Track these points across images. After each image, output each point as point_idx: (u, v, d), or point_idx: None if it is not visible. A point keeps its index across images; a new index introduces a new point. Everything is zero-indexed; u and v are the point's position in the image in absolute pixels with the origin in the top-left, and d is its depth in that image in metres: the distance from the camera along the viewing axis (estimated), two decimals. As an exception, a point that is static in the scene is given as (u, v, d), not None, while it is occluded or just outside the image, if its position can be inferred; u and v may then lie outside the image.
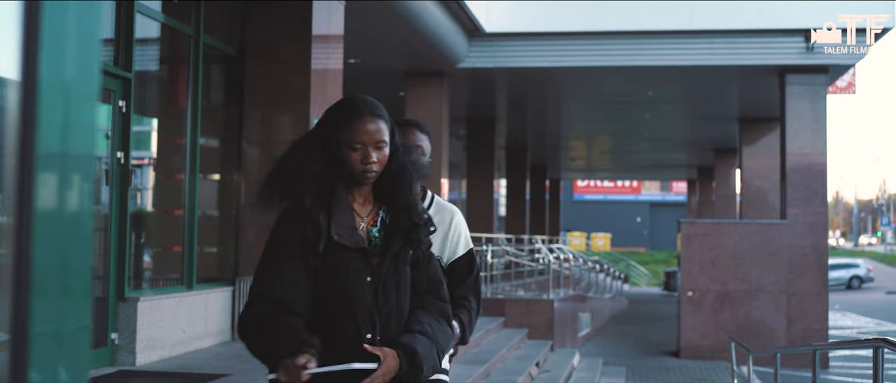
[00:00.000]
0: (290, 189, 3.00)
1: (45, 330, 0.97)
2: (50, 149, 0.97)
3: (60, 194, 1.00)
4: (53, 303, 1.00)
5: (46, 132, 0.95)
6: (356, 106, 3.09)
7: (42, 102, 0.95)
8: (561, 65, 17.44)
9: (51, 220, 0.99)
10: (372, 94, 12.57)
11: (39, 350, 0.96)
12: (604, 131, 29.65)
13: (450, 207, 3.75)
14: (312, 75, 11.40)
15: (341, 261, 2.94)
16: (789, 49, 16.77)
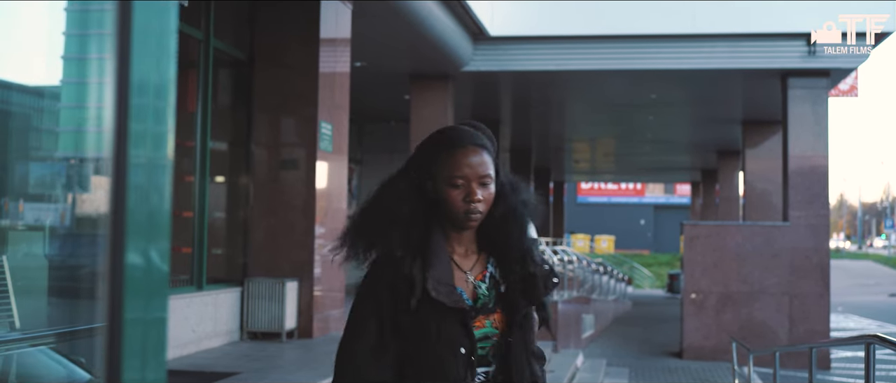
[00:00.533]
0: (377, 236, 2.52)
1: (134, 318, 1.12)
2: (139, 153, 1.11)
3: (147, 196, 1.14)
4: (142, 295, 1.15)
5: (136, 137, 1.09)
6: (456, 134, 2.59)
7: (133, 107, 1.09)
8: (565, 68, 17.55)
9: (140, 220, 1.13)
10: (377, 96, 12.87)
11: (130, 336, 1.12)
12: (607, 134, 29.77)
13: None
14: (320, 78, 11.57)
15: (433, 325, 2.44)
16: (791, 52, 16.89)
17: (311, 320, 11.19)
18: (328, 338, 11.24)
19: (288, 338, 10.89)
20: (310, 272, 11.25)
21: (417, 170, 2.57)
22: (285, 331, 10.80)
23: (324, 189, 11.62)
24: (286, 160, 11.65)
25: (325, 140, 11.63)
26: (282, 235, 11.41)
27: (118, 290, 1.06)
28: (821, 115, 17.53)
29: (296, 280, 11.06)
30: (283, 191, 11.60)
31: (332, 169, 11.89)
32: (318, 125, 11.46)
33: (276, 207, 11.57)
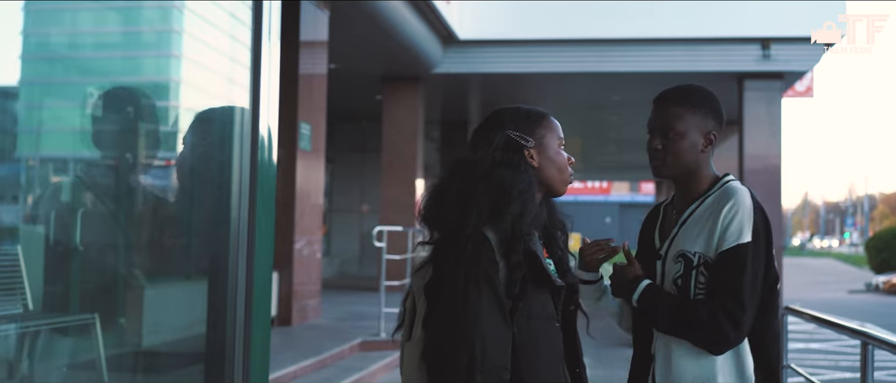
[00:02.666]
0: (508, 214, 2.42)
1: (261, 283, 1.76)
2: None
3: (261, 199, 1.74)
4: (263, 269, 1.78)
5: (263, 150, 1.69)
6: (539, 108, 2.66)
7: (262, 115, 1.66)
8: (531, 70, 18.19)
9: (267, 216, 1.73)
10: (349, 97, 13.61)
11: (258, 296, 1.75)
12: (573, 134, 30.28)
13: (733, 190, 2.85)
14: (299, 80, 12.18)
15: (538, 303, 2.44)
16: (746, 56, 17.62)
17: (290, 309, 11.86)
18: (306, 326, 11.94)
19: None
20: (289, 264, 11.90)
21: (516, 142, 2.53)
22: (267, 320, 11.46)
23: (303, 186, 12.27)
24: (267, 159, 12.26)
25: (305, 140, 12.27)
26: (263, 229, 12.04)
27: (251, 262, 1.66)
28: (775, 116, 18.27)
29: (276, 271, 11.71)
30: (264, 187, 12.23)
31: (310, 168, 12.53)
32: (297, 126, 12.09)
33: (258, 203, 12.19)
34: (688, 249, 2.81)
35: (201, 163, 3.15)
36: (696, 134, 2.88)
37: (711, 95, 2.97)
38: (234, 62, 2.74)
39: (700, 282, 2.76)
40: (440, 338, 2.34)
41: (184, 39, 5.15)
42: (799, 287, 45.06)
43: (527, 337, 2.37)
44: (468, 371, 2.27)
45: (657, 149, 2.89)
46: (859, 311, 29.37)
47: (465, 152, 2.58)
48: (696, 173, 2.91)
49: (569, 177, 2.62)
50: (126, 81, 5.48)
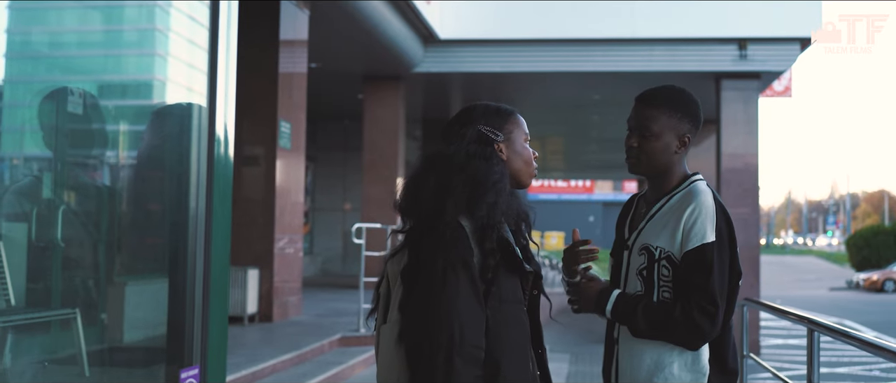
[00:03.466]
0: (484, 204, 2.55)
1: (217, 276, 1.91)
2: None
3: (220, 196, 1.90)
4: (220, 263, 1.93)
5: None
6: (504, 106, 2.81)
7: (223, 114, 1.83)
8: (511, 70, 18.33)
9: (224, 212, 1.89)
10: (331, 96, 13.75)
11: (215, 287, 1.91)
12: (556, 133, 30.39)
13: (696, 191, 3.00)
14: (279, 79, 12.30)
15: (511, 289, 2.57)
16: (723, 56, 17.80)
17: (271, 305, 12.01)
18: (287, 322, 12.09)
19: (250, 322, 11.71)
20: (270, 261, 12.04)
21: (487, 137, 2.67)
22: (247, 315, 11.62)
23: (282, 184, 12.41)
24: (247, 156, 12.40)
25: (284, 138, 12.40)
26: (243, 227, 12.18)
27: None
28: (752, 115, 18.46)
29: (257, 268, 11.84)
30: (245, 186, 12.38)
31: (290, 165, 12.66)
32: (277, 124, 12.23)
33: (238, 201, 12.30)
34: (650, 243, 2.97)
35: (156, 159, 3.27)
36: (670, 136, 3.03)
37: (691, 99, 3.11)
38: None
39: (663, 275, 2.93)
40: (419, 321, 2.44)
41: (169, 38, 5.25)
42: (781, 285, 45.39)
43: (498, 320, 2.48)
44: (447, 351, 2.37)
45: (633, 146, 3.05)
46: (839, 308, 29.70)
47: (439, 146, 2.69)
48: (668, 172, 3.06)
49: (534, 171, 2.77)
50: (110, 80, 5.57)
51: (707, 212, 2.91)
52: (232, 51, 2.60)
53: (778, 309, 5.14)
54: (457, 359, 2.37)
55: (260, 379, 8.43)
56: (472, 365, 2.40)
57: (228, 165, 2.65)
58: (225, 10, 2.50)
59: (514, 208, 2.63)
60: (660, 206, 3.04)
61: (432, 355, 2.38)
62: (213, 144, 2.54)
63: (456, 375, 2.37)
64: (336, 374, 9.29)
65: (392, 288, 2.63)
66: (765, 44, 17.70)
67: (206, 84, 2.47)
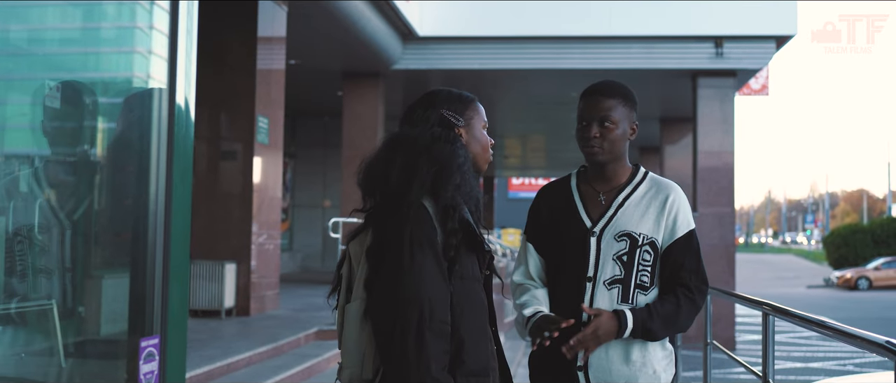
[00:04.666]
0: (449, 185, 2.62)
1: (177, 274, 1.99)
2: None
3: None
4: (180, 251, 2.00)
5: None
6: (465, 93, 2.91)
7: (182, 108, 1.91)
8: (491, 67, 18.43)
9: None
10: (310, 93, 13.81)
11: (174, 274, 1.99)
12: (536, 130, 30.44)
13: (667, 183, 3.29)
14: (257, 75, 12.37)
15: (472, 267, 2.66)
16: (700, 54, 17.96)
17: (248, 299, 12.08)
18: (264, 316, 12.17)
19: (227, 316, 11.79)
20: (247, 256, 12.12)
21: (448, 121, 2.78)
22: (224, 309, 11.69)
23: (260, 179, 12.48)
24: (225, 152, 12.47)
25: (262, 133, 12.48)
26: (221, 222, 12.26)
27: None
28: (728, 113, 18.62)
29: (234, 262, 11.92)
30: (223, 180, 12.46)
31: (267, 161, 12.74)
32: (255, 119, 12.30)
33: (216, 196, 12.42)
34: (632, 230, 3.15)
35: (126, 147, 3.34)
36: (625, 123, 3.23)
37: (631, 90, 3.32)
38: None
39: (644, 260, 3.14)
40: (389, 297, 2.50)
41: (151, 36, 5.31)
42: (759, 282, 45.71)
43: (460, 296, 2.57)
44: (418, 327, 2.44)
45: (595, 137, 3.19)
46: (816, 305, 29.92)
47: (402, 128, 2.77)
48: (621, 160, 3.27)
49: (490, 157, 2.89)
50: (91, 78, 5.63)
51: (685, 202, 3.21)
52: (193, 28, 2.68)
53: (735, 295, 5.40)
54: (427, 334, 2.44)
55: (236, 371, 8.51)
56: (441, 340, 2.47)
57: (188, 143, 2.74)
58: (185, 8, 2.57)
59: (474, 191, 2.70)
60: (627, 195, 3.23)
61: (404, 331, 2.44)
62: (173, 123, 2.62)
63: (426, 350, 2.43)
64: (311, 367, 9.37)
65: (355, 268, 2.70)
66: (741, 42, 17.88)
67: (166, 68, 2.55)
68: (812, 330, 3.69)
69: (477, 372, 2.58)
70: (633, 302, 3.12)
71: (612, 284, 3.13)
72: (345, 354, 2.65)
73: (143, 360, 2.52)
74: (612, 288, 3.13)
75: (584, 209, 3.26)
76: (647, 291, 3.13)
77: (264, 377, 8.41)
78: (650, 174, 3.30)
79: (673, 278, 3.14)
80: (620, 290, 3.13)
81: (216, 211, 12.33)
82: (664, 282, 3.15)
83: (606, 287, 3.14)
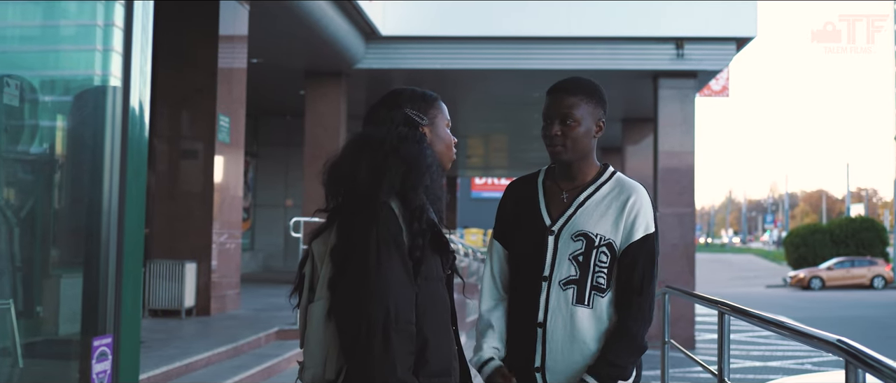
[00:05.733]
0: (418, 185, 2.64)
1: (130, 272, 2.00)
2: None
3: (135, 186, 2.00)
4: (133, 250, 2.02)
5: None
6: (428, 91, 2.89)
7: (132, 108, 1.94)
8: (453, 66, 18.41)
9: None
10: (273, 92, 13.75)
11: (128, 273, 1.99)
12: (498, 130, 30.48)
13: (631, 184, 3.22)
14: (219, 74, 12.31)
15: (436, 268, 2.67)
16: (661, 55, 18.07)
17: (208, 299, 12.02)
18: (224, 316, 12.11)
19: (187, 316, 11.72)
20: (208, 255, 12.06)
21: (413, 120, 2.75)
22: (185, 309, 11.62)
23: (221, 178, 12.42)
24: (186, 151, 12.41)
25: (223, 132, 12.42)
26: (181, 221, 12.19)
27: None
28: (688, 114, 18.74)
29: (194, 262, 11.85)
30: (183, 179, 12.39)
31: (229, 160, 12.68)
32: (216, 118, 12.24)
33: (176, 195, 12.35)
34: (589, 230, 3.11)
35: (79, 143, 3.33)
36: (590, 121, 3.18)
37: (600, 87, 3.28)
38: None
39: (600, 261, 3.09)
40: (355, 298, 2.48)
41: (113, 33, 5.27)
42: (719, 282, 46.08)
43: (425, 297, 2.57)
44: (384, 328, 2.43)
45: (557, 134, 3.15)
46: (774, 305, 30.20)
47: (367, 128, 2.74)
48: (587, 158, 3.21)
49: (453, 155, 2.87)
50: (56, 76, 5.59)
51: (647, 204, 3.13)
52: (148, 24, 2.67)
53: (692, 295, 5.45)
54: (393, 335, 2.44)
55: (194, 371, 8.47)
56: (407, 341, 2.47)
57: (143, 141, 2.73)
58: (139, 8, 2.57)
59: (439, 191, 2.72)
60: (589, 194, 3.18)
61: (369, 331, 2.43)
62: (128, 120, 2.61)
63: (392, 350, 2.43)
64: (271, 367, 9.34)
65: (318, 267, 2.68)
66: (701, 43, 18.00)
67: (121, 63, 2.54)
68: (768, 329, 3.72)
69: (440, 373, 2.60)
70: (590, 304, 3.09)
71: (567, 284, 3.11)
72: (307, 354, 2.63)
73: (96, 359, 2.50)
74: (567, 288, 3.10)
75: (546, 207, 3.24)
76: (604, 293, 3.10)
77: (223, 377, 8.37)
78: (618, 174, 3.23)
79: (625, 285, 3.09)
80: (575, 291, 3.10)
81: (176, 210, 12.27)
82: (618, 286, 3.11)
83: (561, 287, 3.11)
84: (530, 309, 3.14)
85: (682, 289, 6.03)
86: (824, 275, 43.13)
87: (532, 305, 3.14)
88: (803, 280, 43.11)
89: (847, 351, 2.61)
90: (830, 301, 33.94)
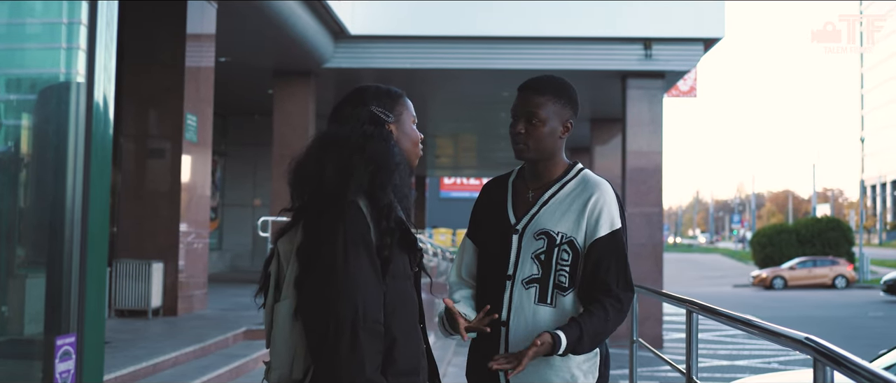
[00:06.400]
0: (386, 183, 2.61)
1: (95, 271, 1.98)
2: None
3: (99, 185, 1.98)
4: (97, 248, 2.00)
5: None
6: (394, 88, 2.86)
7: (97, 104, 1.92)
8: (422, 66, 18.40)
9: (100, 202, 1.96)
10: (241, 91, 13.70)
11: (92, 271, 1.97)
12: (467, 130, 30.51)
13: (596, 181, 3.20)
14: (186, 72, 12.24)
15: (403, 265, 2.65)
16: (629, 55, 18.15)
17: (176, 299, 11.94)
18: (192, 316, 12.03)
19: (154, 316, 11.64)
20: (175, 255, 11.98)
21: (379, 118, 2.71)
22: (151, 309, 11.54)
23: (188, 177, 12.35)
24: (153, 150, 12.32)
25: (191, 131, 12.35)
26: (148, 220, 12.11)
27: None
28: (656, 114, 18.82)
29: (161, 262, 11.77)
30: (150, 179, 12.30)
31: (196, 159, 12.60)
32: (183, 117, 12.17)
33: (143, 194, 12.26)
34: (551, 228, 3.11)
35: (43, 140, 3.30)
36: (556, 121, 3.17)
37: (570, 87, 3.25)
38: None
39: (562, 259, 3.08)
40: (322, 297, 2.46)
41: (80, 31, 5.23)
42: (686, 281, 46.34)
43: (393, 295, 2.55)
44: (353, 327, 2.41)
45: (520, 133, 3.16)
46: (741, 304, 30.39)
47: (334, 126, 2.70)
48: (553, 158, 3.21)
49: (419, 151, 2.83)
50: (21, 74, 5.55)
51: (612, 200, 3.11)
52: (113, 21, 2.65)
53: (661, 293, 5.46)
54: (361, 334, 2.42)
55: (161, 372, 8.41)
56: (375, 340, 2.45)
57: (107, 138, 2.70)
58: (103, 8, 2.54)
59: (407, 189, 2.69)
60: (553, 193, 3.18)
61: (337, 331, 2.41)
62: (92, 117, 2.58)
63: (360, 350, 2.41)
64: (239, 367, 9.29)
65: (284, 266, 2.64)
66: (669, 44, 18.09)
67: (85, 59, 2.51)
68: (736, 327, 3.73)
69: (408, 372, 2.58)
70: (553, 303, 3.09)
71: (529, 283, 3.11)
72: (273, 354, 2.60)
73: (59, 359, 2.47)
74: (530, 287, 3.11)
75: (513, 206, 3.25)
76: (567, 292, 3.09)
77: (190, 377, 8.32)
78: (584, 172, 3.22)
79: (595, 281, 3.07)
80: (537, 290, 3.10)
81: (143, 209, 12.18)
82: (587, 283, 3.09)
83: (524, 286, 3.12)
84: (494, 308, 3.13)
85: (652, 289, 6.03)
86: (787, 274, 43.49)
87: (496, 304, 3.14)
88: (766, 279, 43.46)
89: (815, 349, 2.63)
90: (796, 300, 34.21)
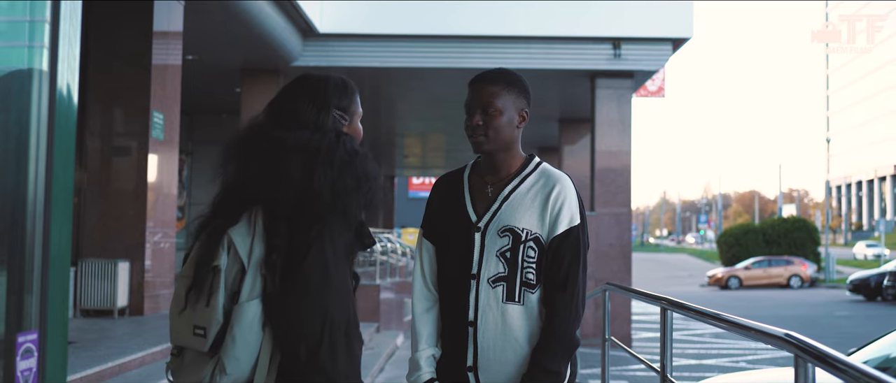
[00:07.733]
0: (365, 187, 2.59)
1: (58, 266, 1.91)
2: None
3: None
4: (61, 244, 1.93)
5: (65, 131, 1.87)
6: (348, 80, 2.82)
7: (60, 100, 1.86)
8: (391, 65, 18.37)
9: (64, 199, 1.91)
10: (209, 89, 13.58)
11: (54, 267, 1.91)
12: (436, 129, 30.51)
13: (557, 174, 3.16)
14: (152, 71, 12.12)
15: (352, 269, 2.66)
16: (598, 55, 18.19)
17: (142, 298, 11.82)
18: (158, 315, 11.91)
19: (120, 315, 11.51)
20: (141, 254, 11.85)
21: (340, 123, 2.71)
22: (117, 309, 11.42)
23: (155, 176, 12.23)
24: (119, 148, 12.19)
25: (157, 129, 12.22)
26: (114, 219, 11.98)
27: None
28: (625, 114, 18.89)
29: (127, 261, 11.65)
30: (116, 177, 12.16)
31: (163, 157, 12.48)
32: (150, 115, 12.04)
33: (109, 193, 12.13)
34: (515, 225, 3.04)
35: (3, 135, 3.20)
36: (512, 110, 3.10)
37: (522, 77, 3.19)
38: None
39: (528, 256, 3.02)
40: (318, 305, 2.41)
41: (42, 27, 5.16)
42: (654, 281, 46.60)
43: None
44: (346, 336, 2.42)
45: (478, 125, 3.08)
46: (709, 303, 30.36)
47: (299, 132, 2.58)
48: (511, 149, 3.14)
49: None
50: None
51: (572, 195, 3.07)
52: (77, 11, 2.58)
53: (634, 291, 5.43)
54: (355, 342, 2.46)
55: (128, 371, 8.31)
56: (360, 346, 2.49)
57: (71, 130, 2.63)
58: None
59: (378, 201, 2.66)
60: (514, 187, 3.12)
61: (333, 341, 2.39)
62: (55, 108, 2.51)
63: (354, 358, 2.44)
64: (207, 367, 9.18)
65: (245, 262, 2.50)
66: (638, 43, 18.16)
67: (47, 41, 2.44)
68: (714, 324, 3.68)
69: None
70: (521, 301, 3.03)
71: (495, 282, 3.04)
72: (228, 358, 2.44)
73: (21, 356, 2.39)
74: (496, 286, 3.04)
75: (472, 202, 3.17)
76: (534, 289, 3.03)
77: (157, 377, 8.22)
78: (543, 165, 3.16)
79: (551, 280, 3.02)
80: (505, 289, 3.04)
81: (109, 208, 12.05)
82: (546, 282, 3.03)
83: (490, 285, 3.05)
84: (460, 308, 3.08)
85: (624, 286, 6.01)
86: (742, 274, 43.83)
87: (462, 304, 3.08)
88: (721, 279, 43.82)
89: (796, 345, 2.60)
90: (761, 300, 34.47)
